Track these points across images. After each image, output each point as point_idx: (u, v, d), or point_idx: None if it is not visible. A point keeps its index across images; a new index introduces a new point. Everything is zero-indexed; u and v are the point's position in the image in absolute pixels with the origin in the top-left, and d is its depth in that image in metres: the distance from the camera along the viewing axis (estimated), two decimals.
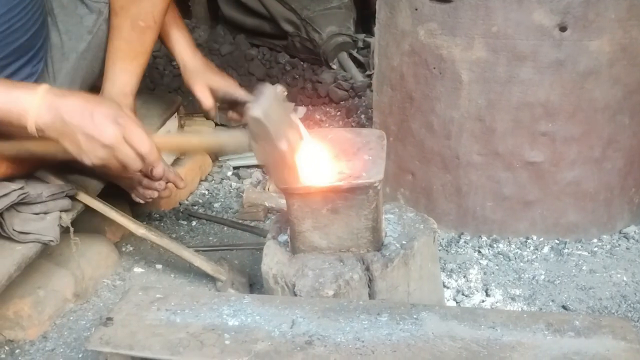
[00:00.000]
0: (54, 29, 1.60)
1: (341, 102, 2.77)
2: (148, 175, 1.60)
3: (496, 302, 1.53)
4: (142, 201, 1.67)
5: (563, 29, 1.55)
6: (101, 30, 1.61)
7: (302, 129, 1.26)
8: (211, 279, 1.61)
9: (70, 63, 1.62)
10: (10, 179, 1.41)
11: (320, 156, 1.26)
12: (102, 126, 1.21)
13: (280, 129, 1.16)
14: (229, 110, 1.75)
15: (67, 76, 1.63)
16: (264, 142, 1.15)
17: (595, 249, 1.73)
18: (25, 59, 1.50)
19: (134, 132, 1.23)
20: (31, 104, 1.22)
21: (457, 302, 1.54)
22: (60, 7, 1.60)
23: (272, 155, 1.17)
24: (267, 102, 1.14)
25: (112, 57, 1.61)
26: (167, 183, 1.64)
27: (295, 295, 1.22)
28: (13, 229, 1.37)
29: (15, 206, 1.39)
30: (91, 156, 1.23)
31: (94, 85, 1.68)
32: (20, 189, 1.39)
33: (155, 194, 1.65)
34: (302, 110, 1.56)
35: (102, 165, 1.27)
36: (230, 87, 1.72)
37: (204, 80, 1.74)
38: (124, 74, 1.62)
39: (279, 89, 1.27)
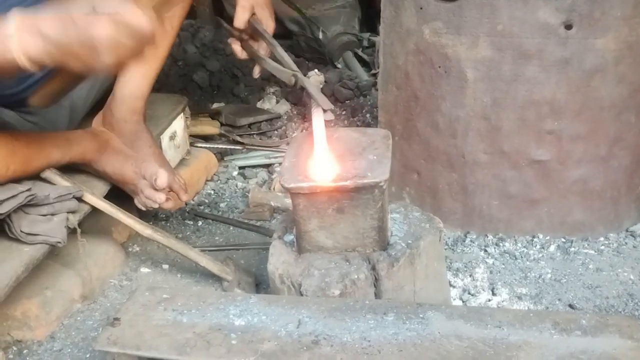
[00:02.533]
0: None
1: (346, 101, 2.77)
2: (152, 184, 1.60)
3: (502, 301, 1.53)
4: (143, 208, 1.67)
5: (568, 27, 1.54)
6: None
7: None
8: (217, 278, 1.62)
9: None
10: (17, 180, 1.42)
11: (326, 155, 1.26)
12: (89, 24, 1.08)
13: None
14: (249, 39, 1.69)
15: (87, 80, 1.64)
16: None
17: (602, 247, 1.73)
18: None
19: (120, 11, 1.09)
20: (9, 33, 1.10)
21: (463, 301, 1.54)
22: None
23: None
24: None
25: None
26: (169, 192, 1.64)
27: (302, 295, 1.22)
28: (21, 231, 1.38)
29: (22, 208, 1.40)
30: (99, 63, 1.11)
31: (110, 88, 1.68)
32: (27, 190, 1.40)
33: (156, 205, 1.63)
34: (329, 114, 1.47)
35: (120, 63, 1.14)
36: (263, 19, 1.68)
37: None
38: (137, 76, 1.62)
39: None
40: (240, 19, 1.66)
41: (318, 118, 1.24)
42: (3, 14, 1.14)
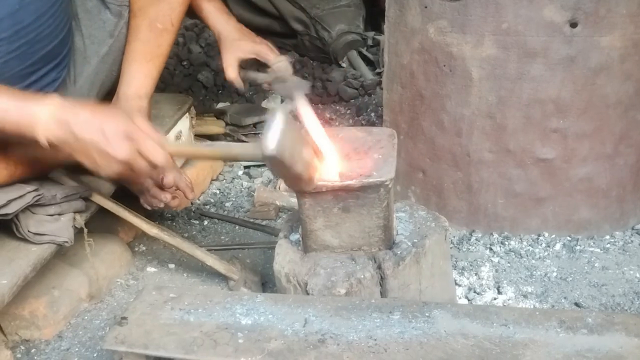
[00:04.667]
0: (78, 33, 1.62)
1: (351, 101, 2.77)
2: (158, 183, 1.61)
3: (508, 300, 1.53)
4: (149, 207, 1.68)
5: (574, 25, 1.54)
6: (122, 34, 1.62)
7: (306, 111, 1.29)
8: (223, 278, 1.62)
9: (92, 67, 1.64)
10: (25, 180, 1.43)
11: (332, 155, 1.26)
12: (115, 143, 1.20)
13: (295, 154, 1.12)
14: (256, 68, 1.79)
15: (88, 80, 1.65)
16: (281, 167, 1.13)
17: (608, 245, 1.73)
18: (52, 65, 1.51)
19: (147, 145, 1.22)
20: (40, 117, 1.21)
21: (469, 300, 1.54)
22: (84, 11, 1.61)
23: (288, 174, 1.15)
24: (280, 132, 1.08)
25: (128, 58, 1.62)
26: (176, 190, 1.65)
27: (308, 293, 1.22)
28: (28, 231, 1.39)
29: (30, 208, 1.40)
30: (107, 170, 1.24)
31: (112, 88, 1.69)
32: (35, 190, 1.40)
33: (162, 204, 1.63)
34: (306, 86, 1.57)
35: (117, 176, 1.29)
36: (260, 53, 1.76)
37: (235, 50, 1.77)
38: (140, 76, 1.62)
39: (289, 108, 1.30)
40: (229, 74, 1.80)
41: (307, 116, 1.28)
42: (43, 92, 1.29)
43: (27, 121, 1.21)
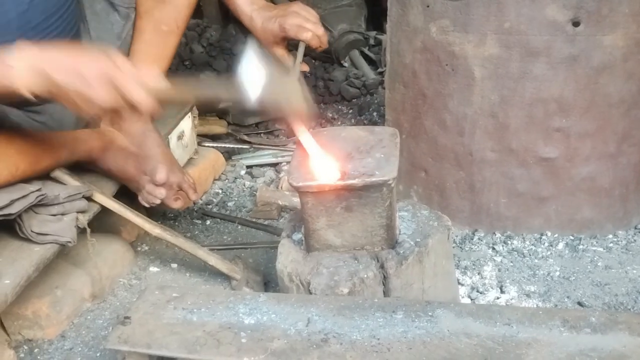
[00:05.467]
0: (86, 36, 1.62)
1: (353, 100, 2.77)
2: (153, 180, 1.61)
3: (511, 299, 1.53)
4: (146, 205, 1.68)
5: (576, 24, 1.54)
6: (129, 36, 1.63)
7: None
8: (226, 277, 1.62)
9: None
10: (27, 180, 1.43)
11: (333, 155, 1.26)
12: (96, 85, 1.12)
13: (279, 96, 1.12)
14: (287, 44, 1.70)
15: None
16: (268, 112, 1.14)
17: (611, 244, 1.72)
18: None
19: (128, 86, 1.13)
20: (16, 69, 1.13)
21: (471, 299, 1.54)
22: (93, 14, 1.61)
23: (278, 114, 1.17)
24: (260, 76, 1.08)
25: (132, 59, 1.62)
26: (179, 191, 1.65)
27: (310, 293, 1.22)
28: (31, 230, 1.39)
29: (33, 208, 1.41)
30: (92, 112, 1.17)
31: None
32: (37, 190, 1.40)
33: (158, 201, 1.63)
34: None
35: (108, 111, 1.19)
36: (288, 33, 1.63)
37: (267, 35, 1.63)
38: None
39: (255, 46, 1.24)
40: (288, 64, 1.67)
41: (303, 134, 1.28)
42: (7, 44, 1.16)
43: (4, 75, 1.14)
